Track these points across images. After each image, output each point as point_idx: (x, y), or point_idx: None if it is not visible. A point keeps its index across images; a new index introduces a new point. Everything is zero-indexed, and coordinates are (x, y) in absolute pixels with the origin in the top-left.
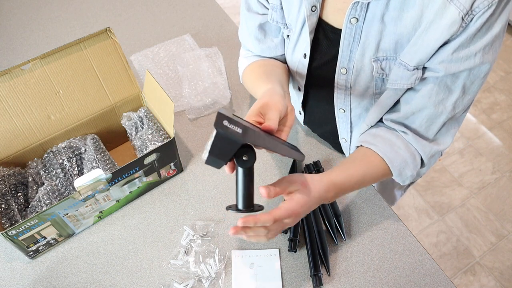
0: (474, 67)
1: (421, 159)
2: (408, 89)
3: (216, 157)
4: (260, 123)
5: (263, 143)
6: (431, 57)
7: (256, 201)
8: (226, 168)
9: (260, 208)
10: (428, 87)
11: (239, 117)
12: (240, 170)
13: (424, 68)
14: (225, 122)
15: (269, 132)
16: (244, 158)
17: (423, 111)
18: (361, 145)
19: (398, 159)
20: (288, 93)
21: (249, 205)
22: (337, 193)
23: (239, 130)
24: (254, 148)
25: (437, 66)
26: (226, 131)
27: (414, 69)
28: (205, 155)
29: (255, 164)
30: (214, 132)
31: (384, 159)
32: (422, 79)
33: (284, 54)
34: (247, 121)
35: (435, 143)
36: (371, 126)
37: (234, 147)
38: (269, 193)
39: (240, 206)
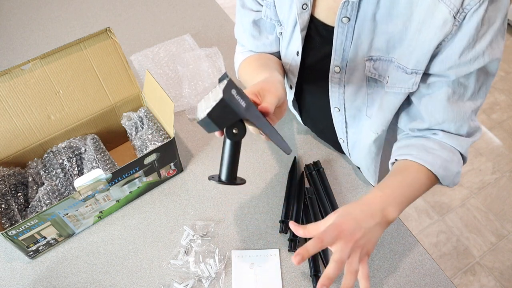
0: (484, 65)
1: (460, 154)
2: (424, 96)
3: (212, 121)
4: (256, 103)
5: (260, 124)
6: (432, 61)
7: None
8: (216, 132)
9: (242, 181)
10: (443, 90)
11: (241, 89)
12: (228, 142)
13: (427, 75)
14: (233, 91)
15: (263, 115)
16: (234, 131)
17: (446, 115)
18: (396, 160)
19: (438, 160)
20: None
21: (232, 178)
22: (383, 201)
23: (243, 104)
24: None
25: (446, 72)
26: (231, 100)
27: (412, 73)
28: (201, 114)
29: (256, 166)
30: (220, 96)
31: (423, 164)
32: (433, 83)
33: (279, 51)
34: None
35: (469, 136)
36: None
37: (233, 118)
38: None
39: (223, 178)
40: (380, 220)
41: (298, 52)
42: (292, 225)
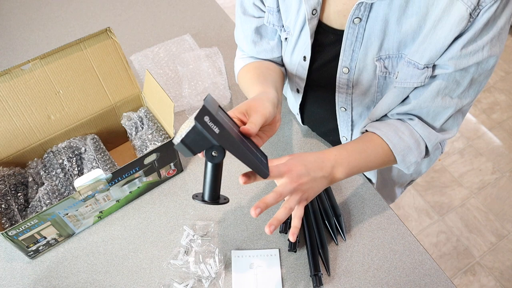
0: (482, 61)
1: (426, 147)
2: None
3: (186, 147)
4: (243, 122)
5: (233, 151)
6: (441, 54)
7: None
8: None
9: (226, 200)
10: (437, 82)
11: (223, 111)
12: (208, 163)
13: (434, 66)
14: (206, 118)
15: (245, 137)
16: (213, 154)
17: (431, 104)
18: (366, 131)
19: (401, 144)
20: (281, 99)
21: (215, 197)
22: (336, 160)
23: (216, 131)
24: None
25: (446, 62)
26: (203, 127)
27: (424, 68)
28: (176, 139)
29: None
30: (193, 123)
31: (387, 143)
32: (432, 76)
33: (281, 56)
34: (229, 117)
35: (441, 132)
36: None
37: (206, 145)
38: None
39: (206, 198)
40: (327, 175)
41: (305, 57)
42: None
